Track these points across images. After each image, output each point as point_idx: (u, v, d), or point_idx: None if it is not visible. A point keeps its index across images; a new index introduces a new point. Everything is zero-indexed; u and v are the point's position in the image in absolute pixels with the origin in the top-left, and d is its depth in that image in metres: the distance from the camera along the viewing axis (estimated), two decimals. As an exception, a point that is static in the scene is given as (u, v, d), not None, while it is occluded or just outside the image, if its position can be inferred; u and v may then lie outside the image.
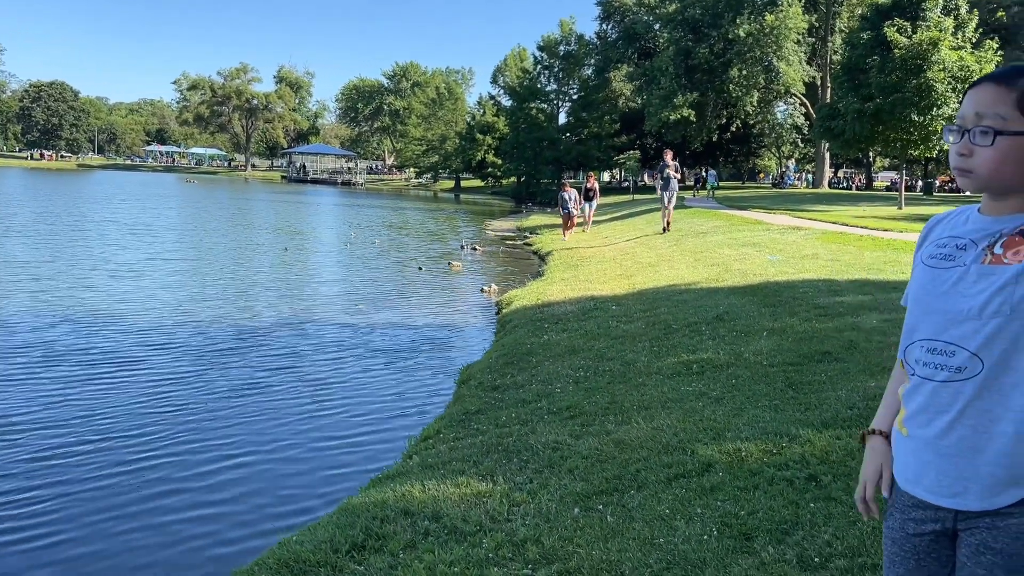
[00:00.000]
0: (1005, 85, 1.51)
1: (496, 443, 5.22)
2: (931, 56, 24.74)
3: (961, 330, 1.52)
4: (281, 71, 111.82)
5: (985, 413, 1.49)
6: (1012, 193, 1.55)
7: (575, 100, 64.06)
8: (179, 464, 5.74)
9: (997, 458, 1.48)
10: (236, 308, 11.58)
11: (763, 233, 17.21)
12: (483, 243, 23.72)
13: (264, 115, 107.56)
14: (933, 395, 1.56)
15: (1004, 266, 1.49)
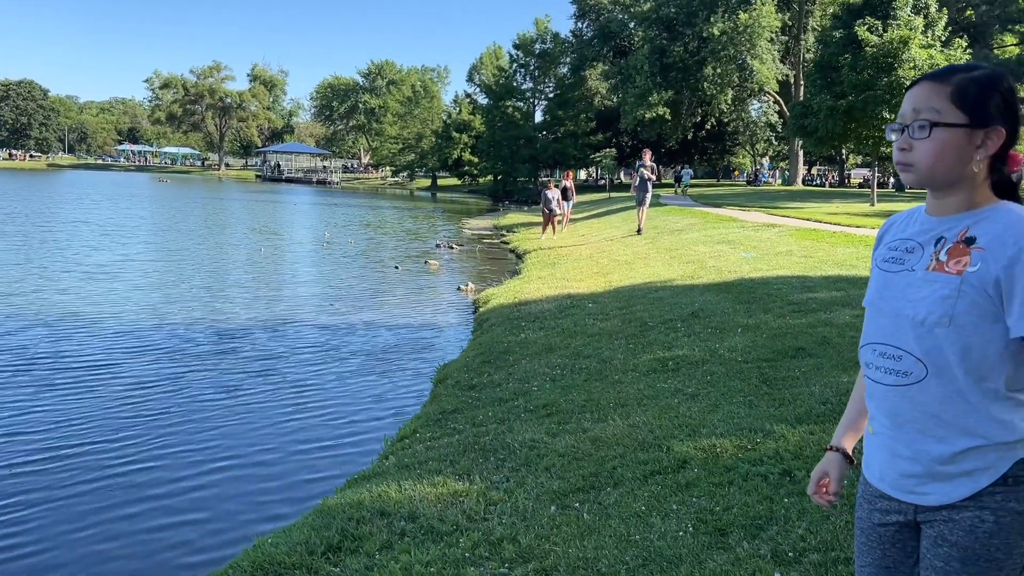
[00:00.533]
0: (939, 81, 1.58)
1: (473, 442, 5.21)
2: (902, 54, 25.06)
3: (908, 335, 1.58)
4: (255, 69, 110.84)
5: (932, 416, 1.56)
6: (952, 189, 1.60)
7: (551, 98, 64.18)
8: (152, 469, 5.67)
9: (947, 458, 1.54)
10: (211, 310, 11.47)
11: (738, 230, 17.33)
12: (460, 242, 23.69)
13: (238, 114, 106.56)
14: (884, 397, 1.63)
15: (946, 275, 1.54)
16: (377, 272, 16.42)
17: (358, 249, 21.00)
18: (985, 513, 1.52)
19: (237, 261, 17.38)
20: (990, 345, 1.51)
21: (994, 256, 1.50)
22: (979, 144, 1.56)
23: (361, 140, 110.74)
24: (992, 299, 1.50)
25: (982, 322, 1.51)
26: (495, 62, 69.14)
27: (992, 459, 1.52)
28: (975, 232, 1.55)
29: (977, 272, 1.51)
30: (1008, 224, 1.52)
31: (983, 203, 1.59)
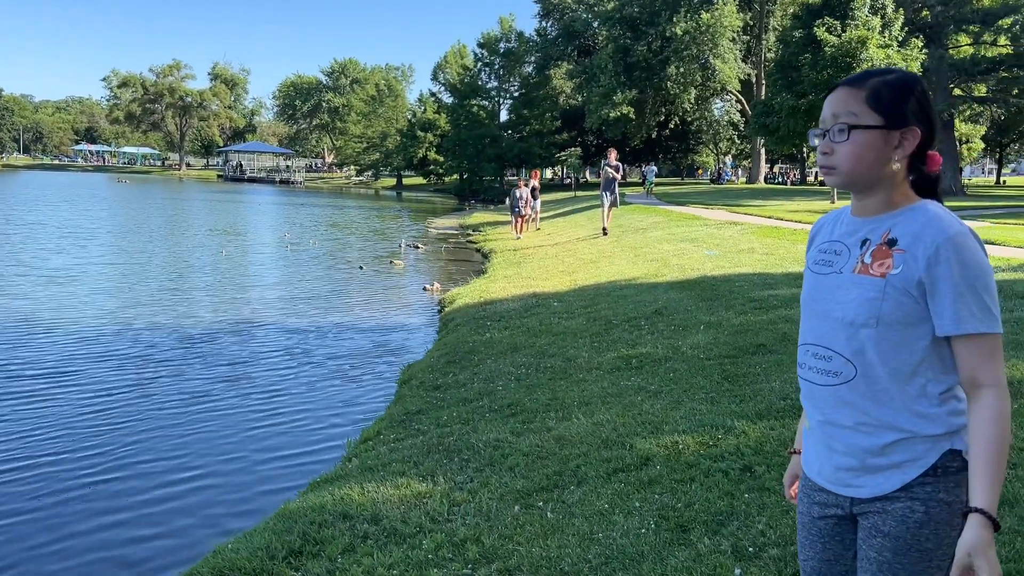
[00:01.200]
0: (855, 86, 1.64)
1: (437, 443, 5.19)
2: (860, 54, 25.48)
3: (837, 336, 1.63)
4: (216, 68, 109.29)
5: (862, 414, 1.61)
6: (873, 189, 1.65)
7: (516, 97, 64.19)
8: (113, 477, 5.57)
9: (878, 450, 1.60)
10: (173, 314, 11.28)
11: (701, 228, 17.49)
12: (426, 241, 23.60)
13: (199, 113, 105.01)
14: (818, 396, 1.68)
15: (871, 278, 1.59)
16: (342, 272, 16.29)
17: (323, 250, 20.81)
18: (916, 504, 1.56)
19: (200, 263, 17.12)
20: (916, 344, 1.56)
21: (914, 257, 1.55)
22: (896, 145, 1.61)
23: (325, 139, 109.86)
24: (916, 299, 1.55)
25: (907, 322, 1.56)
26: (460, 61, 68.94)
27: (921, 450, 1.56)
28: (896, 233, 1.60)
29: (900, 274, 1.56)
30: (925, 223, 1.57)
31: (903, 203, 1.64)
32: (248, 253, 19.63)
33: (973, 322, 1.51)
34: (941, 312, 1.53)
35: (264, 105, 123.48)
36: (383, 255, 19.57)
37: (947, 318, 1.53)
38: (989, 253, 1.60)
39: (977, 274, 1.52)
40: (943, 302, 1.52)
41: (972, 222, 17.19)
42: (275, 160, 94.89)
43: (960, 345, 1.54)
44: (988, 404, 1.51)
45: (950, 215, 1.58)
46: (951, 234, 1.53)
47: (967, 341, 1.53)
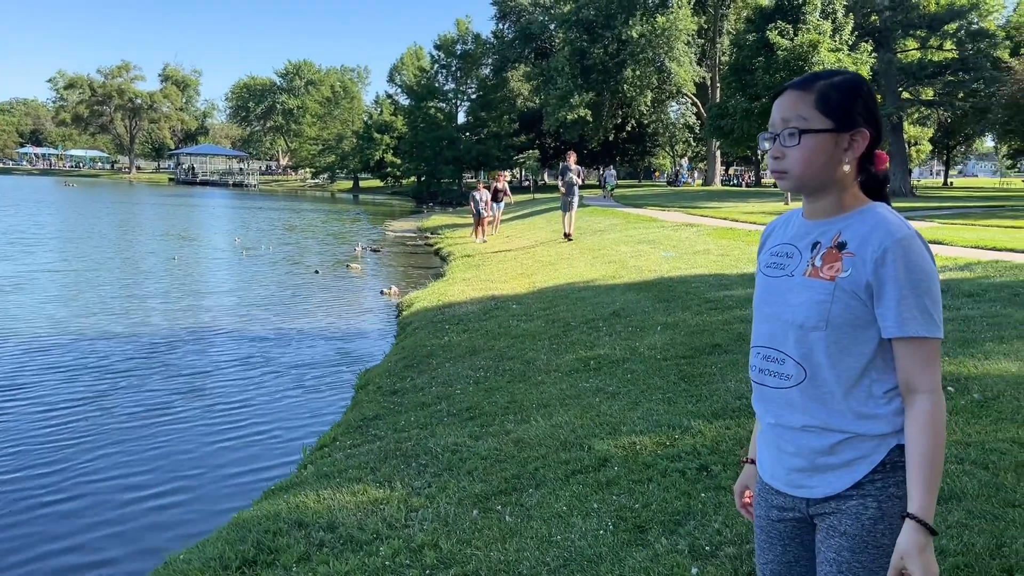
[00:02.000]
0: (803, 90, 1.64)
1: (394, 448, 5.14)
2: (811, 57, 26.02)
3: (788, 339, 1.63)
4: (166, 69, 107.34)
5: (811, 416, 1.61)
6: (824, 192, 1.65)
7: (474, 99, 64.11)
8: (63, 488, 5.42)
9: (827, 449, 1.61)
10: (125, 323, 11.02)
11: (658, 230, 17.65)
12: (383, 244, 23.43)
13: (149, 115, 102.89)
14: (769, 399, 1.69)
15: (821, 281, 1.60)
16: (297, 277, 16.08)
17: (278, 254, 20.53)
18: (868, 500, 1.57)
19: (152, 269, 16.75)
20: (864, 347, 1.57)
21: (862, 260, 1.56)
22: (846, 147, 1.62)
23: (279, 141, 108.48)
24: (863, 302, 1.56)
25: (856, 326, 1.57)
26: (416, 63, 68.64)
27: (869, 448, 1.58)
28: (846, 236, 1.61)
29: (848, 277, 1.57)
30: (873, 226, 1.58)
31: (853, 205, 1.65)
32: (201, 259, 19.26)
33: (915, 325, 1.52)
34: (885, 314, 1.54)
35: (216, 107, 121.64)
36: (340, 259, 19.38)
37: (890, 320, 1.54)
38: (937, 253, 1.62)
39: (921, 278, 1.53)
40: (887, 304, 1.54)
41: (921, 223, 17.63)
42: (228, 163, 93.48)
43: (900, 348, 1.55)
44: (922, 411, 1.53)
45: (898, 218, 1.59)
46: (898, 237, 1.54)
47: (908, 344, 1.54)
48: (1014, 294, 7.53)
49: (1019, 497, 3.28)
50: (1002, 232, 14.27)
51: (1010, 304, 7.12)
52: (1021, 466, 3.56)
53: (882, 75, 36.29)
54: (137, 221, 31.31)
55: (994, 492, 3.34)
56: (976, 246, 11.62)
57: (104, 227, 27.25)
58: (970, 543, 2.96)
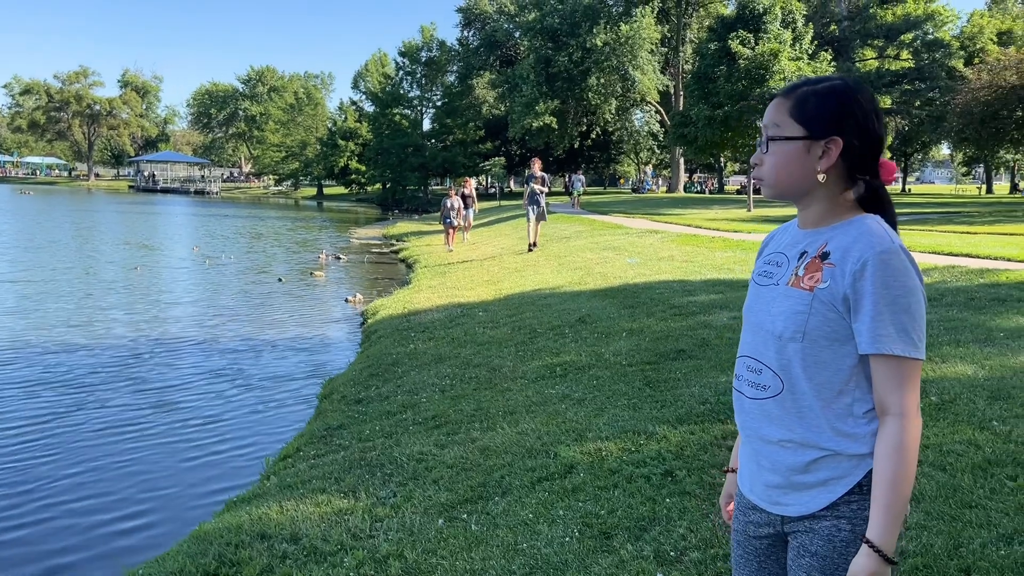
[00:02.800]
0: (784, 96, 1.63)
1: (359, 458, 5.09)
2: (772, 66, 26.41)
3: (769, 349, 1.59)
4: (126, 75, 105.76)
5: (788, 430, 1.57)
6: (807, 200, 1.62)
7: (439, 106, 64.06)
8: (23, 504, 5.28)
9: (802, 467, 1.56)
10: (84, 334, 10.78)
11: (623, 237, 17.76)
12: (347, 252, 23.27)
13: (108, 121, 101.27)
14: (748, 409, 1.65)
15: (800, 291, 1.56)
16: (260, 286, 15.89)
17: (241, 263, 20.27)
18: (842, 522, 1.52)
19: (112, 280, 16.42)
20: (843, 361, 1.52)
21: (842, 272, 1.51)
22: (820, 155, 1.57)
23: (242, 148, 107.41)
24: (841, 315, 1.51)
25: (833, 338, 1.52)
26: (381, 69, 68.43)
27: (846, 468, 1.52)
28: (831, 247, 1.56)
29: (827, 288, 1.52)
30: (856, 238, 1.53)
31: (843, 215, 1.60)
32: (162, 268, 18.93)
33: (888, 342, 1.47)
34: (861, 329, 1.49)
35: (178, 113, 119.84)
36: (303, 267, 19.19)
37: (865, 336, 1.49)
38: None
39: (900, 294, 1.47)
40: (863, 319, 1.49)
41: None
42: (189, 170, 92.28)
43: (875, 366, 1.50)
44: (891, 434, 1.47)
45: (884, 231, 1.53)
46: (879, 250, 1.48)
47: (883, 362, 1.49)
48: (969, 298, 7.70)
49: (976, 498, 3.34)
50: (957, 238, 14.58)
51: (966, 308, 7.28)
52: (978, 467, 3.63)
53: (841, 84, 36.98)
54: (97, 230, 30.73)
55: (952, 493, 3.40)
56: (933, 251, 11.86)
57: (63, 236, 26.70)
58: (929, 544, 3.01)
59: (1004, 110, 31.68)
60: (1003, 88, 31.59)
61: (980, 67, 34.72)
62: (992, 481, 3.48)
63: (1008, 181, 63.01)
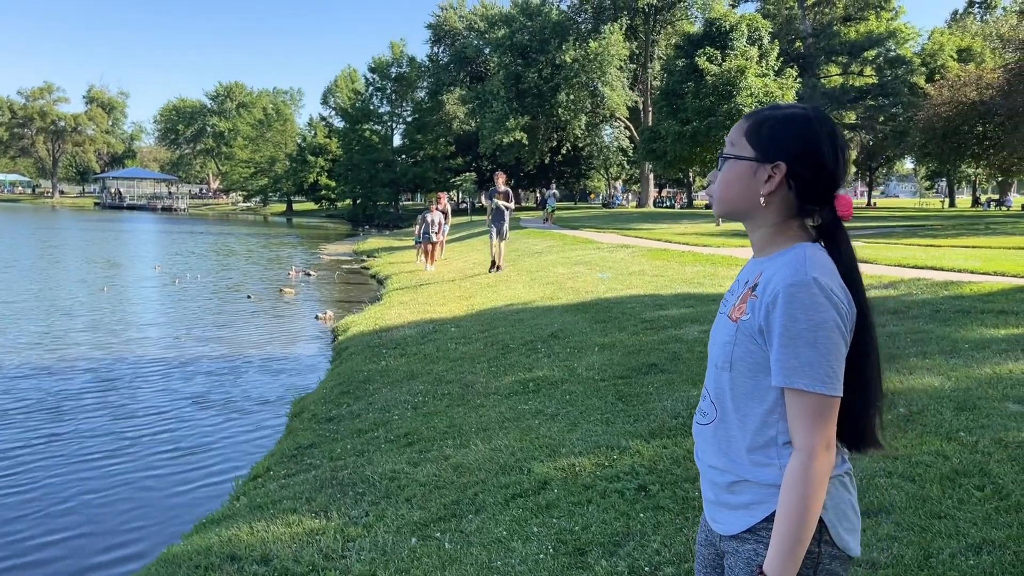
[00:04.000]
0: (748, 118, 1.64)
1: (330, 477, 5.03)
2: (739, 82, 26.78)
3: (710, 378, 1.65)
4: (92, 91, 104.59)
5: (716, 456, 1.62)
6: (752, 225, 1.63)
7: (410, 122, 64.01)
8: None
9: (726, 486, 1.59)
10: (50, 358, 10.55)
11: (594, 251, 17.84)
12: (317, 268, 23.10)
13: (73, 138, 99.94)
14: (695, 432, 1.71)
15: (730, 321, 1.59)
16: (229, 304, 15.69)
17: (209, 281, 20.02)
18: (760, 548, 1.52)
19: (80, 301, 16.12)
20: (766, 393, 1.52)
21: (761, 304, 1.51)
22: (765, 179, 1.56)
23: (210, 164, 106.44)
24: (761, 347, 1.51)
25: (756, 369, 1.52)
26: (350, 85, 68.28)
27: (764, 495, 1.52)
28: (762, 278, 1.55)
29: (748, 320, 1.53)
30: (778, 269, 1.51)
31: (783, 244, 1.58)
32: (129, 288, 18.62)
33: (793, 376, 1.45)
34: (772, 362, 1.48)
35: (144, 130, 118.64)
36: (273, 283, 19.02)
37: (774, 368, 1.48)
38: (863, 272, 1.60)
39: (805, 327, 1.44)
40: (773, 352, 1.48)
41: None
42: (157, 186, 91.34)
43: (787, 398, 1.48)
44: (792, 468, 1.46)
45: (807, 263, 1.48)
46: (788, 283, 1.46)
47: (790, 395, 1.47)
48: (935, 310, 7.82)
49: (945, 508, 3.38)
50: (922, 251, 14.83)
51: (931, 320, 7.39)
52: (946, 478, 3.68)
53: (807, 99, 37.62)
54: (61, 248, 30.23)
55: (921, 504, 3.43)
56: (899, 264, 12.05)
57: (26, 255, 26.23)
58: (899, 555, 3.03)
59: (965, 125, 32.43)
60: (963, 104, 32.34)
61: (941, 83, 35.54)
62: (960, 491, 3.53)
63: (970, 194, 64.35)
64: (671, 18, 48.00)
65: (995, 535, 3.10)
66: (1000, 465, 3.76)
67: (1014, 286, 9.10)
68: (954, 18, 55.40)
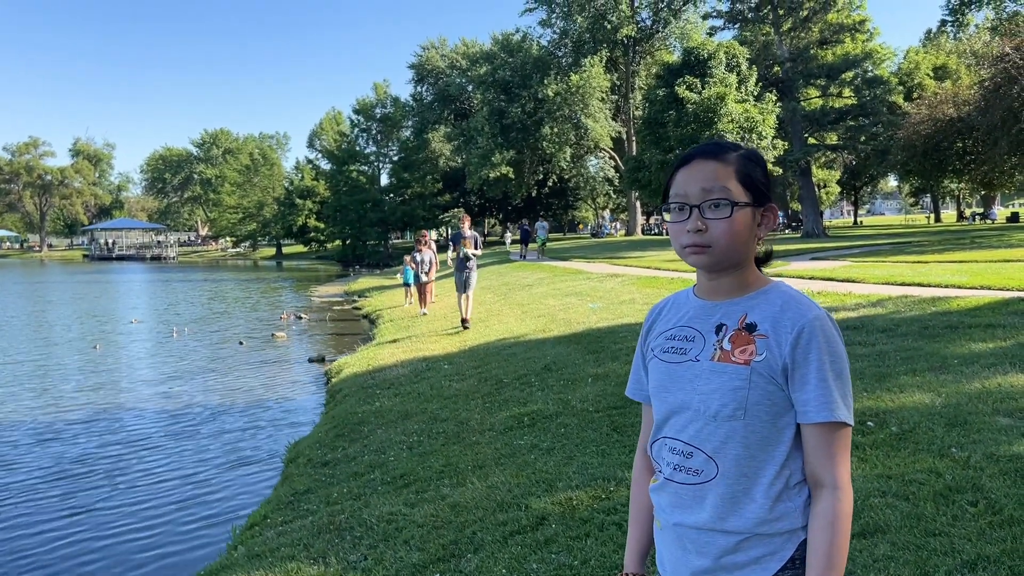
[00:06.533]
0: (721, 161, 1.54)
1: (327, 522, 5.00)
2: (719, 109, 27.08)
3: (698, 431, 1.51)
4: (78, 144, 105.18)
5: (720, 515, 1.49)
6: (733, 270, 1.56)
7: (396, 161, 64.48)
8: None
9: (733, 547, 1.49)
10: (45, 412, 10.53)
11: (584, 282, 17.90)
12: (309, 310, 23.08)
13: (60, 191, 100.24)
14: (676, 494, 1.55)
15: (735, 365, 1.49)
16: (219, 352, 15.63)
17: (199, 330, 19.97)
18: None
19: (71, 360, 16.03)
20: (783, 434, 1.48)
21: (777, 342, 1.47)
22: (759, 223, 1.56)
23: (198, 211, 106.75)
24: (781, 387, 1.47)
25: (774, 412, 1.47)
26: (336, 127, 68.90)
27: (778, 544, 1.47)
28: (754, 318, 1.51)
29: (764, 361, 1.47)
30: (783, 306, 1.50)
31: (755, 283, 1.57)
32: (121, 342, 18.52)
33: (837, 410, 1.44)
34: (806, 399, 1.45)
35: (131, 180, 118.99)
36: (264, 328, 18.99)
37: (812, 404, 1.44)
38: (851, 291, 1.64)
39: (836, 360, 1.46)
40: (809, 388, 1.44)
41: (834, 262, 18.35)
42: (145, 236, 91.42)
43: (816, 435, 1.46)
44: (827, 508, 1.43)
45: (806, 297, 1.53)
46: (811, 317, 1.46)
47: (825, 431, 1.45)
48: (923, 327, 7.88)
49: (939, 526, 3.39)
50: (909, 268, 14.95)
51: (920, 337, 7.44)
52: (939, 495, 3.69)
53: (788, 122, 38.06)
54: (53, 304, 30.13)
55: (916, 523, 3.45)
56: (887, 282, 12.14)
57: (15, 311, 26.13)
58: (896, 574, 3.04)
59: (944, 142, 32.86)
60: (942, 121, 32.80)
61: (919, 102, 36.05)
62: (954, 508, 3.55)
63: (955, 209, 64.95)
64: (650, 48, 48.69)
65: (989, 550, 3.11)
66: (992, 480, 3.78)
67: (1000, 299, 9.19)
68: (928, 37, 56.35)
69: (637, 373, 1.74)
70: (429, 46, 66.97)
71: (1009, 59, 24.17)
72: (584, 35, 47.39)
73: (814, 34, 40.13)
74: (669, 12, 47.17)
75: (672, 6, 46.81)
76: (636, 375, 1.74)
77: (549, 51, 48.73)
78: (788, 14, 39.63)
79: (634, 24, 46.93)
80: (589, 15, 46.76)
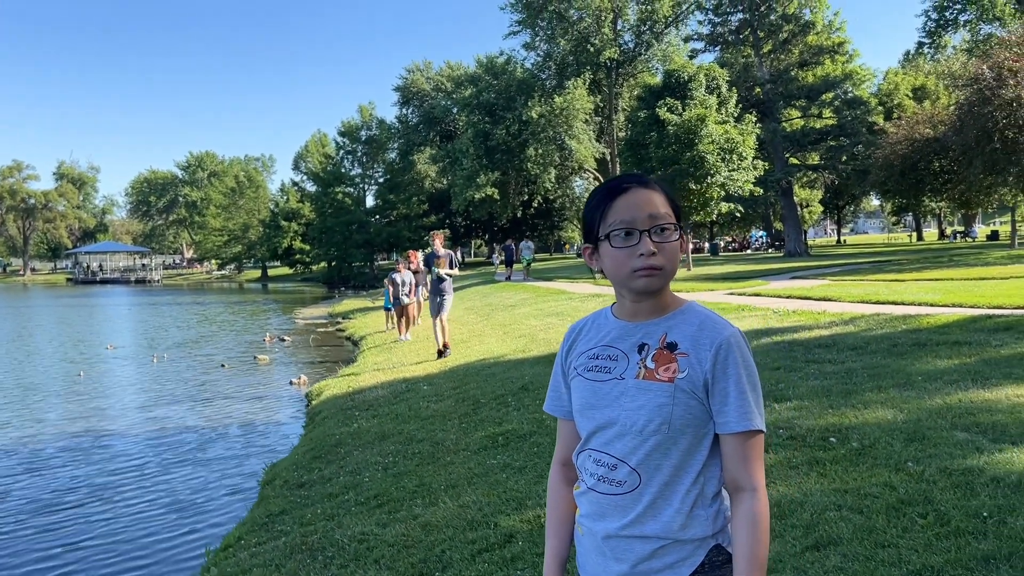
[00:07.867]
0: (653, 189, 1.63)
1: (300, 543, 5.05)
2: (700, 130, 27.34)
3: (624, 445, 1.59)
4: (62, 167, 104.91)
5: (640, 523, 1.58)
6: (658, 292, 1.64)
7: (381, 183, 64.75)
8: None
9: (649, 554, 1.57)
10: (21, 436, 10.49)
11: (567, 302, 18.01)
12: (292, 332, 23.06)
13: (44, 215, 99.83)
14: (599, 504, 1.63)
15: (659, 383, 1.57)
16: (202, 375, 15.60)
17: (182, 353, 19.92)
18: None
19: (54, 388, 15.97)
20: (700, 444, 1.57)
21: (698, 359, 1.56)
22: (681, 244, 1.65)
23: (183, 234, 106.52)
24: (702, 401, 1.56)
25: (696, 425, 1.56)
26: (321, 149, 69.15)
27: (689, 550, 1.56)
28: (674, 337, 1.60)
29: (687, 377, 1.56)
30: (700, 326, 1.60)
31: (672, 304, 1.65)
32: (104, 369, 18.45)
33: (754, 419, 1.54)
34: (726, 410, 1.55)
35: (116, 203, 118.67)
36: (247, 351, 18.97)
37: (732, 415, 1.54)
38: (825, 310, 1.74)
39: (752, 373, 1.57)
40: (728, 400, 1.55)
41: (814, 280, 18.55)
42: (130, 259, 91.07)
43: (735, 444, 1.55)
44: (748, 509, 1.53)
45: (720, 316, 1.62)
46: (727, 335, 1.57)
47: (744, 439, 1.55)
48: (892, 345, 8.02)
49: (889, 537, 3.49)
50: (885, 286, 15.15)
51: (889, 355, 7.58)
52: (892, 508, 3.79)
53: (769, 143, 38.49)
54: (37, 330, 29.95)
55: (867, 535, 3.54)
56: (862, 300, 12.31)
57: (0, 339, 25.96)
58: (846, 586, 3.13)
59: (922, 162, 33.28)
60: (919, 141, 33.25)
61: (898, 122, 36.55)
62: (904, 520, 3.65)
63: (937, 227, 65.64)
64: (632, 71, 49.18)
65: (935, 560, 3.21)
66: (943, 492, 3.89)
67: (968, 316, 9.35)
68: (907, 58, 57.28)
69: (557, 390, 1.80)
70: (414, 69, 67.45)
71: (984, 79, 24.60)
72: (567, 58, 47.88)
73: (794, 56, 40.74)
74: (651, 35, 47.73)
75: (654, 29, 47.36)
76: (556, 391, 1.81)
77: (533, 73, 49.15)
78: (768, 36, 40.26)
79: (616, 47, 47.45)
80: (572, 38, 47.28)
